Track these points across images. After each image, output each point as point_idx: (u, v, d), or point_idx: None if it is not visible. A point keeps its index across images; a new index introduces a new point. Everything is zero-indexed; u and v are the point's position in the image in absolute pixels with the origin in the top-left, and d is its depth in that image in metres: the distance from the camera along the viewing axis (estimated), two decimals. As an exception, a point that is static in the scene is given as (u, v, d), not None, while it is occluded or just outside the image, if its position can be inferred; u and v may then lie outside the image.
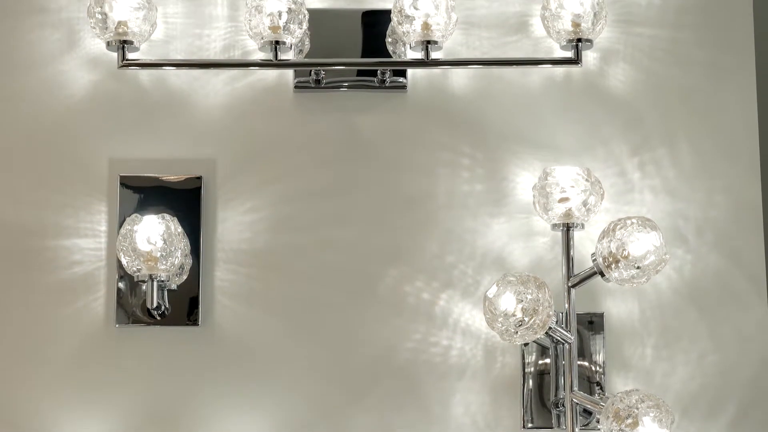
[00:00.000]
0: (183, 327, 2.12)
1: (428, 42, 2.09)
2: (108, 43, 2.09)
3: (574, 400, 2.02)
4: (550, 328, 1.97)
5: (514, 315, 1.94)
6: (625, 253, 1.98)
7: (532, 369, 2.11)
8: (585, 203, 2.05)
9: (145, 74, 2.16)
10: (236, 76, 2.17)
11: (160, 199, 2.12)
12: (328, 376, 2.12)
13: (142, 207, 2.11)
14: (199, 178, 2.14)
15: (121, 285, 2.11)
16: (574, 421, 2.02)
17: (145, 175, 2.14)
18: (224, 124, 2.16)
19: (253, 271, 2.13)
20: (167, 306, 2.10)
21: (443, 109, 2.18)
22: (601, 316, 2.13)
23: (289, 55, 2.12)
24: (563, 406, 2.04)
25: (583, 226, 2.07)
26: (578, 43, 2.11)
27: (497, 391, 2.12)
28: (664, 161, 2.17)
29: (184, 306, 2.12)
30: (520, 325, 1.94)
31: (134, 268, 2.02)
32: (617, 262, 1.98)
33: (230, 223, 2.14)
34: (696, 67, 2.20)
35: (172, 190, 2.14)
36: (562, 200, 2.05)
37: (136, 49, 2.10)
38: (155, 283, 2.04)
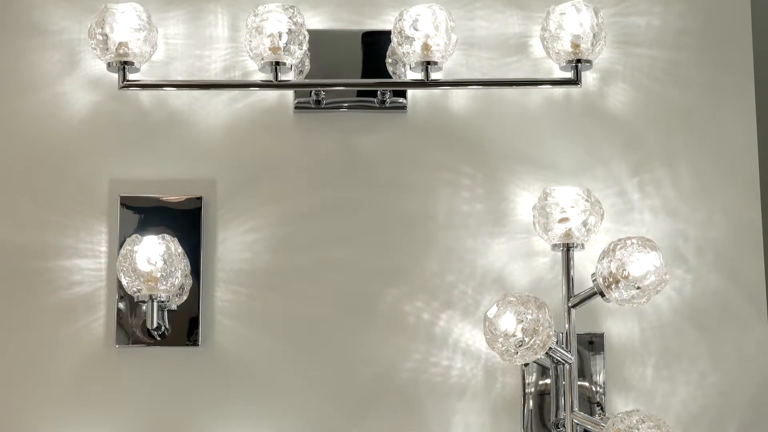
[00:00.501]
0: (183, 347, 2.11)
1: (428, 63, 2.09)
2: (109, 64, 2.10)
3: (575, 420, 2.02)
4: (550, 348, 1.96)
5: (514, 335, 1.93)
6: (625, 273, 1.98)
7: (533, 389, 2.11)
8: (585, 223, 2.05)
9: (145, 95, 2.17)
10: (236, 96, 2.17)
11: (161, 220, 2.13)
12: (328, 396, 2.11)
13: (143, 227, 2.12)
14: (200, 199, 2.15)
15: (121, 305, 2.11)
16: (575, 441, 2.02)
17: (146, 195, 2.14)
18: (225, 145, 2.17)
19: (254, 291, 2.13)
20: (167, 326, 2.10)
21: (443, 129, 2.18)
22: (601, 336, 2.13)
23: (289, 76, 2.13)
24: (564, 426, 2.04)
25: (583, 246, 2.07)
26: (578, 63, 2.11)
27: (497, 412, 2.11)
28: (663, 181, 2.17)
29: (184, 326, 2.12)
30: (520, 346, 1.94)
31: (134, 289, 2.02)
32: (617, 282, 1.98)
33: (230, 243, 2.14)
34: (695, 88, 2.20)
35: (172, 210, 2.14)
36: (562, 220, 2.05)
37: (137, 70, 2.11)
38: (155, 304, 2.04)
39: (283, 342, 2.12)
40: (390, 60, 2.17)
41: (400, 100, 2.17)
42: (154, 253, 2.02)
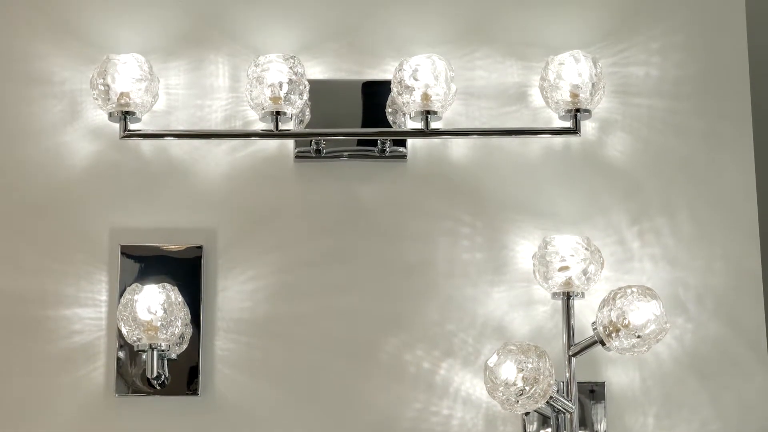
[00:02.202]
0: (183, 396, 2.11)
1: (428, 112, 2.10)
2: (110, 114, 2.11)
3: (576, 469, 2.01)
4: (551, 397, 1.96)
5: (515, 384, 1.93)
6: (626, 322, 1.98)
7: (534, 438, 2.10)
8: (585, 272, 2.06)
9: (146, 144, 2.17)
10: (237, 146, 2.18)
11: (161, 269, 2.13)
12: (328, 446, 2.11)
13: (143, 276, 2.12)
14: (200, 248, 2.15)
15: (121, 354, 2.11)
16: (576, 491, 2.01)
17: (146, 244, 2.14)
18: (225, 194, 2.17)
19: (254, 340, 2.13)
20: (167, 375, 2.10)
21: (443, 178, 2.19)
22: (602, 385, 2.13)
23: (289, 126, 2.14)
24: (565, 476, 2.03)
25: (583, 294, 2.07)
26: (577, 113, 2.13)
27: (498, 461, 2.11)
28: (663, 230, 2.18)
29: (184, 375, 2.11)
30: (521, 395, 1.93)
31: (134, 338, 2.02)
32: (618, 331, 1.98)
33: (231, 292, 2.14)
34: (694, 137, 2.21)
35: (172, 259, 2.14)
36: (562, 269, 2.06)
37: (138, 120, 2.12)
38: (155, 353, 2.03)
39: (284, 391, 2.12)
40: (390, 109, 2.18)
41: (400, 150, 2.18)
42: (154, 302, 2.02)
